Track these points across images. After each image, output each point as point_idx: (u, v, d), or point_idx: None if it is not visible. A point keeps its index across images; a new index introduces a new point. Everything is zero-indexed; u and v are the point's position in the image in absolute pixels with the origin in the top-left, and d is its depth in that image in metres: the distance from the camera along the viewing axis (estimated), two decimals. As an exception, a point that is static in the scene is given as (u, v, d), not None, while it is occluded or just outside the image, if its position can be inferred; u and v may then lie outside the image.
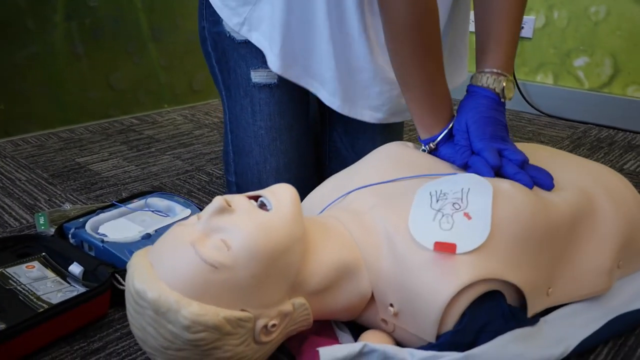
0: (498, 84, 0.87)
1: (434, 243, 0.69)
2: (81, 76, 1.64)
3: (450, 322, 0.67)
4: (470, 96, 0.88)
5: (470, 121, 0.85)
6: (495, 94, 0.87)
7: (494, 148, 0.82)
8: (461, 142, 0.85)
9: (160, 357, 0.62)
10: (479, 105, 0.86)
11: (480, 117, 0.85)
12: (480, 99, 0.87)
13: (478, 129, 0.84)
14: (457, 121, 0.87)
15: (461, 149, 0.84)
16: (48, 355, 0.74)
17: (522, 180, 0.78)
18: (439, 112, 0.87)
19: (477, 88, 0.88)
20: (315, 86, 1.00)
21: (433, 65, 0.85)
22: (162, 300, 0.59)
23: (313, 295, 0.68)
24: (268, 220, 0.64)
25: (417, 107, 0.88)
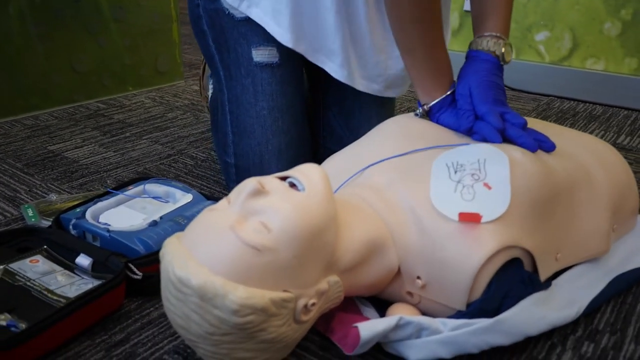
0: (498, 47, 0.89)
1: (458, 214, 0.71)
2: (42, 59, 1.55)
3: (479, 290, 0.70)
4: (472, 60, 0.89)
5: (473, 85, 0.86)
6: (496, 57, 0.89)
7: (497, 111, 0.84)
8: (464, 106, 0.86)
9: (203, 343, 0.62)
10: (481, 70, 0.88)
11: (482, 81, 0.86)
12: (482, 63, 0.88)
13: (481, 92, 0.85)
14: (459, 85, 0.88)
15: (465, 113, 0.85)
16: (70, 350, 0.72)
17: (526, 143, 0.81)
18: (439, 76, 0.89)
19: (478, 52, 0.89)
20: (322, 59, 1.00)
21: (434, 30, 0.87)
22: (207, 286, 0.59)
23: (345, 273, 0.69)
24: (304, 200, 0.64)
25: (417, 72, 0.89)
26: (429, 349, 0.68)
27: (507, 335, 0.69)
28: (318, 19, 0.96)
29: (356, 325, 0.68)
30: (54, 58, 1.58)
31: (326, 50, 0.99)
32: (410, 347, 0.69)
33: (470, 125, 0.84)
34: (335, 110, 1.11)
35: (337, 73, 1.00)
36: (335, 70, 1.00)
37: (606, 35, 1.73)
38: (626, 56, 1.71)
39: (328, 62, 1.00)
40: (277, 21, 0.96)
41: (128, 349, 0.73)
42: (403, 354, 0.70)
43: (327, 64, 1.00)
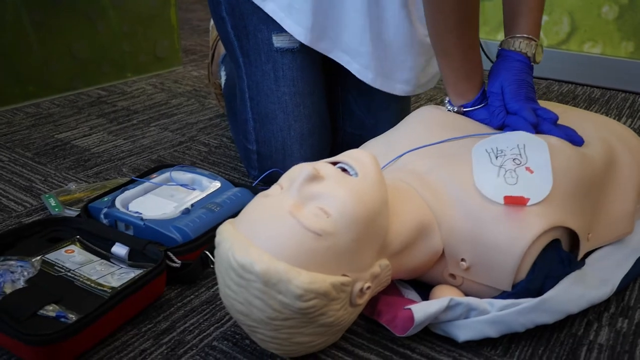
0: (530, 48, 0.90)
1: (504, 197, 0.72)
2: (40, 46, 1.51)
3: (524, 271, 0.72)
4: (504, 60, 0.91)
5: (505, 83, 0.88)
6: (527, 58, 0.90)
7: (530, 107, 0.86)
8: (496, 103, 0.88)
9: (263, 328, 0.62)
10: (512, 68, 0.89)
11: (515, 80, 0.88)
12: (513, 62, 0.90)
13: (513, 90, 0.87)
14: (490, 84, 0.90)
15: (496, 110, 0.87)
16: (117, 340, 0.72)
17: (559, 136, 0.83)
18: (473, 78, 0.90)
19: (510, 52, 0.91)
20: (346, 59, 1.00)
21: (472, 34, 0.88)
22: (271, 271, 0.59)
23: (393, 256, 0.70)
24: (359, 185, 0.65)
25: (452, 74, 0.90)
26: (478, 329, 0.70)
27: (551, 313, 0.71)
28: (344, 20, 0.96)
29: (409, 308, 0.69)
30: (53, 45, 1.54)
31: (351, 51, 1.00)
32: (459, 327, 0.70)
33: (502, 121, 0.86)
34: (355, 93, 1.11)
35: (361, 74, 1.01)
36: (360, 71, 1.01)
37: (604, 19, 1.76)
38: (623, 40, 1.74)
39: (353, 62, 1.01)
40: (295, 18, 0.96)
41: (176, 337, 0.73)
42: (451, 334, 0.71)
43: (351, 64, 1.01)
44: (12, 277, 0.72)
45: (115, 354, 0.70)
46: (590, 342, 0.73)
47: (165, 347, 0.71)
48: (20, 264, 0.75)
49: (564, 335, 0.74)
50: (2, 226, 0.96)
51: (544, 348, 0.72)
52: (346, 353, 0.71)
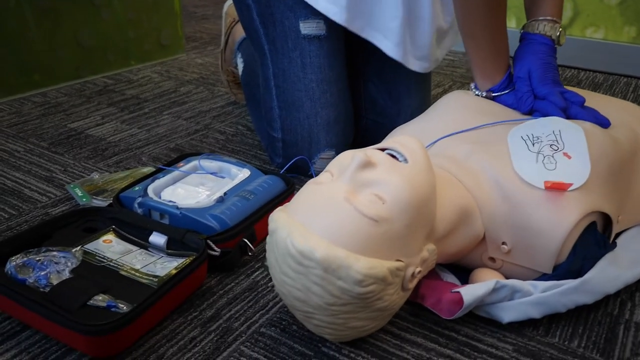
0: (554, 31, 0.91)
1: (545, 182, 0.74)
2: (46, 34, 1.49)
3: (565, 253, 0.73)
4: (528, 43, 0.92)
5: (532, 68, 0.89)
6: (551, 41, 0.91)
7: (558, 92, 0.87)
8: (523, 88, 0.89)
9: (320, 314, 0.63)
10: (538, 52, 0.90)
11: (541, 63, 0.89)
12: (539, 45, 0.91)
13: (540, 74, 0.88)
14: (517, 68, 0.91)
15: (524, 95, 0.88)
16: (165, 328, 0.72)
17: (587, 120, 0.85)
18: (500, 60, 0.91)
19: (535, 35, 0.91)
20: (378, 38, 1.00)
21: (500, 16, 0.88)
22: (331, 258, 0.59)
23: (438, 241, 0.71)
24: (411, 172, 0.65)
25: (479, 55, 0.90)
26: (522, 310, 0.71)
27: (591, 294, 0.73)
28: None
29: (457, 291, 0.70)
30: (58, 33, 1.51)
31: (384, 28, 0.99)
32: (503, 309, 0.72)
33: (531, 106, 0.87)
34: (376, 81, 1.12)
35: (393, 52, 1.01)
36: (391, 48, 1.01)
37: (606, 4, 1.78)
38: (625, 24, 1.77)
39: (384, 40, 1.00)
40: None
41: (223, 324, 0.73)
42: (495, 316, 0.72)
43: (382, 42, 1.01)
44: (57, 267, 0.72)
45: (165, 342, 0.70)
46: (627, 320, 0.75)
47: (213, 334, 0.71)
48: (62, 255, 0.74)
49: (601, 315, 0.76)
50: (30, 217, 0.95)
51: (583, 327, 0.74)
52: (393, 336, 0.72)
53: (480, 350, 0.70)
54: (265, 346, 0.70)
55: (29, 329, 0.71)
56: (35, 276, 0.70)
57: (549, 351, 0.70)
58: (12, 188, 1.04)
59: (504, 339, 0.72)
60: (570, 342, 0.72)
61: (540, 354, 0.69)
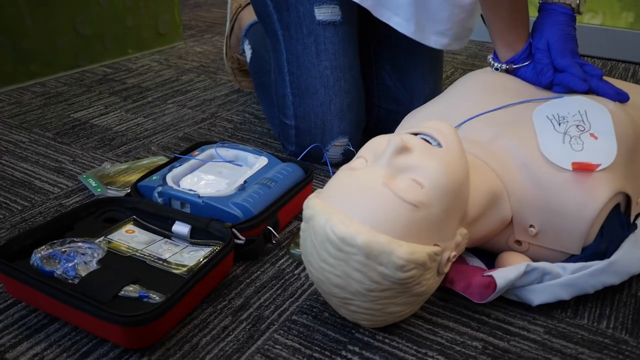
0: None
1: (572, 163, 0.74)
2: (43, 22, 1.45)
3: (593, 235, 0.74)
4: (548, 13, 0.90)
5: (551, 39, 0.87)
6: (571, 10, 0.90)
7: (578, 64, 0.87)
8: (543, 60, 0.87)
9: (359, 300, 0.63)
10: (558, 22, 0.89)
11: (560, 35, 0.88)
12: (558, 15, 0.89)
13: (559, 46, 0.87)
14: (536, 39, 0.89)
15: (544, 67, 0.87)
16: (196, 318, 0.71)
17: (608, 94, 0.84)
18: (521, 28, 0.89)
19: (554, 5, 0.90)
20: (387, 15, 0.98)
21: None
22: (372, 243, 0.59)
23: (469, 225, 0.71)
24: (446, 156, 0.65)
25: (501, 24, 0.88)
26: (552, 293, 0.72)
27: (618, 275, 0.74)
28: None
29: (489, 275, 0.71)
30: (56, 21, 1.48)
31: (393, 4, 0.98)
32: (533, 291, 0.72)
33: (551, 79, 0.86)
34: (389, 68, 1.11)
35: (404, 27, 0.99)
36: (401, 24, 0.99)
37: (604, -10, 1.79)
38: (623, 10, 1.78)
39: (394, 17, 0.98)
40: None
41: (254, 313, 0.72)
42: (525, 298, 0.73)
43: (392, 18, 0.99)
44: (84, 258, 0.70)
45: (197, 332, 0.69)
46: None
47: (245, 323, 0.71)
48: (87, 246, 0.73)
49: (625, 296, 0.77)
50: (44, 208, 0.93)
51: (610, 309, 0.75)
52: (425, 321, 0.72)
53: (512, 333, 0.70)
54: (298, 333, 0.69)
55: (56, 322, 0.70)
56: (63, 268, 0.69)
57: (580, 332, 0.71)
58: (21, 179, 1.01)
59: (534, 322, 0.72)
60: (599, 323, 0.72)
61: (572, 336, 0.70)
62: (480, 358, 0.67)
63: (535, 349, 0.68)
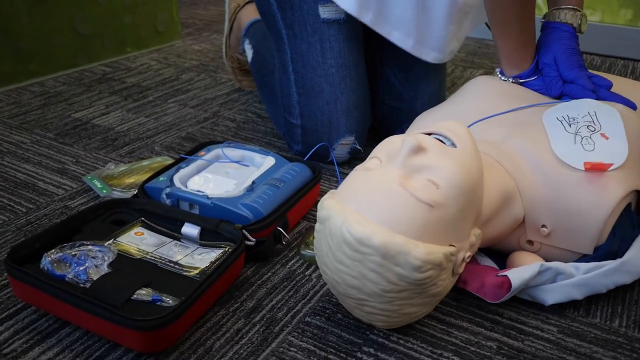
0: (575, 18, 0.91)
1: (584, 163, 0.74)
2: (42, 21, 1.43)
3: (605, 234, 0.74)
4: (552, 31, 0.92)
5: (557, 53, 0.89)
6: (573, 29, 0.91)
7: (586, 75, 0.87)
8: (551, 73, 0.89)
9: (375, 301, 0.62)
10: (562, 38, 0.90)
11: (566, 49, 0.89)
12: (562, 32, 0.91)
13: (566, 60, 0.88)
14: (542, 55, 0.91)
15: (553, 80, 0.88)
16: (208, 321, 0.70)
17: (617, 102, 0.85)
18: (528, 48, 0.91)
19: (557, 24, 0.92)
20: (387, 29, 0.99)
21: (531, 4, 0.88)
22: (389, 244, 0.59)
23: (482, 225, 0.71)
24: (461, 156, 0.65)
25: (508, 44, 0.90)
26: (565, 292, 0.72)
27: (630, 274, 0.74)
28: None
29: (504, 275, 0.70)
30: (54, 19, 1.46)
31: (393, 19, 0.98)
32: (546, 291, 0.72)
33: (560, 90, 0.87)
34: (393, 66, 1.10)
35: (403, 42, 1.00)
36: (401, 39, 1.00)
37: (603, -13, 1.79)
38: (622, 7, 1.78)
39: (394, 32, 0.99)
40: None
41: (266, 315, 0.72)
42: (538, 298, 0.73)
43: (392, 34, 1.00)
44: (95, 262, 0.70)
45: (210, 335, 0.68)
46: (662, 299, 0.77)
47: (258, 325, 0.70)
48: (98, 249, 0.72)
49: (636, 294, 0.77)
50: (49, 210, 0.92)
51: (622, 307, 0.75)
52: (438, 322, 0.72)
53: (526, 332, 0.70)
54: (312, 335, 0.69)
55: (67, 326, 0.69)
56: (74, 271, 0.68)
57: (593, 331, 0.71)
58: (25, 181, 1.00)
59: (547, 321, 0.72)
60: (611, 322, 0.72)
61: (585, 335, 0.70)
62: (495, 358, 0.66)
63: (550, 348, 0.68)
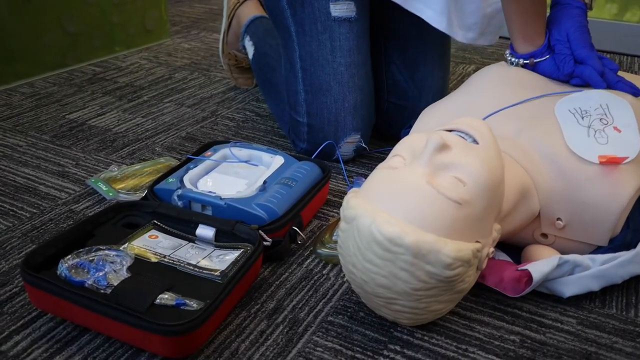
0: None
1: (598, 157, 0.75)
2: (31, 21, 1.40)
3: (620, 226, 0.75)
4: (563, 7, 0.91)
5: (570, 30, 0.88)
6: (584, 4, 0.92)
7: (596, 56, 0.88)
8: (564, 51, 0.88)
9: (404, 300, 0.62)
10: (574, 15, 0.89)
11: (578, 27, 0.88)
12: (573, 9, 0.90)
13: (578, 37, 0.87)
14: (555, 31, 0.90)
15: (565, 58, 0.88)
16: (231, 324, 0.70)
17: (624, 88, 0.86)
18: (540, 21, 0.89)
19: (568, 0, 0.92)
20: (418, 7, 0.97)
21: None
22: (420, 243, 0.59)
23: (501, 220, 0.71)
24: (484, 153, 0.65)
25: (522, 17, 0.88)
26: (582, 284, 0.73)
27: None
28: None
29: (525, 269, 0.71)
30: (42, 18, 1.42)
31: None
32: (564, 284, 0.73)
33: (572, 69, 0.87)
34: (399, 62, 1.10)
35: (436, 21, 0.98)
36: (434, 18, 0.97)
37: (588, -18, 1.82)
38: (607, 2, 1.81)
39: (426, 9, 0.97)
40: None
41: (289, 316, 0.71)
42: (556, 290, 0.74)
43: (424, 11, 0.97)
44: (114, 267, 0.68)
45: (234, 337, 0.68)
46: (673, 288, 0.78)
47: (282, 326, 0.70)
48: (115, 253, 0.71)
49: (648, 284, 0.79)
50: (54, 215, 0.90)
51: (636, 297, 0.76)
52: (460, 317, 0.72)
53: (546, 325, 0.71)
54: (337, 335, 0.69)
55: (87, 333, 0.67)
56: (93, 277, 0.66)
57: (611, 322, 0.72)
58: (25, 185, 0.98)
59: (565, 313, 0.73)
60: (627, 312, 0.74)
61: (603, 326, 0.71)
62: (519, 352, 0.67)
63: (571, 340, 0.69)
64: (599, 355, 0.67)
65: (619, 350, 0.68)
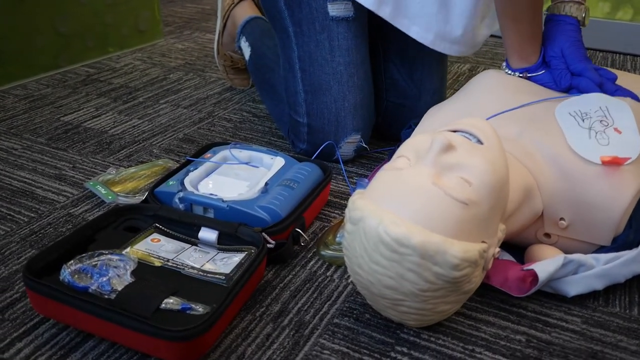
0: (580, 12, 0.92)
1: (601, 157, 0.75)
2: (23, 22, 1.38)
3: (622, 225, 0.75)
4: (557, 24, 0.92)
5: (564, 46, 0.90)
6: (578, 22, 0.93)
7: (593, 68, 0.89)
8: (560, 66, 0.90)
9: (411, 301, 0.62)
10: (568, 31, 0.91)
11: (573, 42, 0.90)
12: (567, 25, 0.92)
13: (573, 52, 0.89)
14: (549, 48, 0.91)
15: (562, 72, 0.89)
16: (236, 327, 0.69)
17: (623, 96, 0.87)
18: (536, 40, 0.91)
19: (561, 16, 0.92)
20: (406, 24, 0.98)
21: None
22: (427, 244, 0.59)
23: (505, 220, 0.71)
24: (489, 154, 0.65)
25: (519, 36, 0.90)
26: (586, 284, 0.73)
27: (647, 263, 0.76)
28: None
29: (530, 268, 0.71)
30: (35, 19, 1.41)
31: (412, 14, 0.97)
32: (568, 283, 0.73)
33: (569, 83, 0.88)
34: (397, 62, 1.10)
35: (422, 37, 0.99)
36: (420, 34, 0.99)
37: (581, -19, 1.83)
38: (599, 0, 1.83)
39: (412, 26, 0.98)
40: None
41: (294, 318, 0.71)
42: (561, 290, 0.74)
43: (410, 28, 0.99)
44: (117, 272, 0.67)
45: (241, 341, 0.67)
46: (675, 286, 0.79)
47: (288, 329, 0.69)
48: (118, 258, 0.70)
49: (650, 282, 0.79)
50: (52, 219, 0.89)
51: (638, 296, 0.77)
52: (465, 317, 0.72)
53: (551, 324, 0.71)
54: (344, 337, 0.68)
55: (91, 340, 0.66)
56: (97, 282, 0.65)
57: (615, 321, 0.72)
58: (22, 189, 0.96)
59: (570, 312, 0.73)
60: (630, 310, 0.74)
61: (608, 324, 0.72)
62: (526, 351, 0.67)
63: (577, 339, 0.69)
64: (604, 354, 0.67)
65: (624, 348, 0.68)
